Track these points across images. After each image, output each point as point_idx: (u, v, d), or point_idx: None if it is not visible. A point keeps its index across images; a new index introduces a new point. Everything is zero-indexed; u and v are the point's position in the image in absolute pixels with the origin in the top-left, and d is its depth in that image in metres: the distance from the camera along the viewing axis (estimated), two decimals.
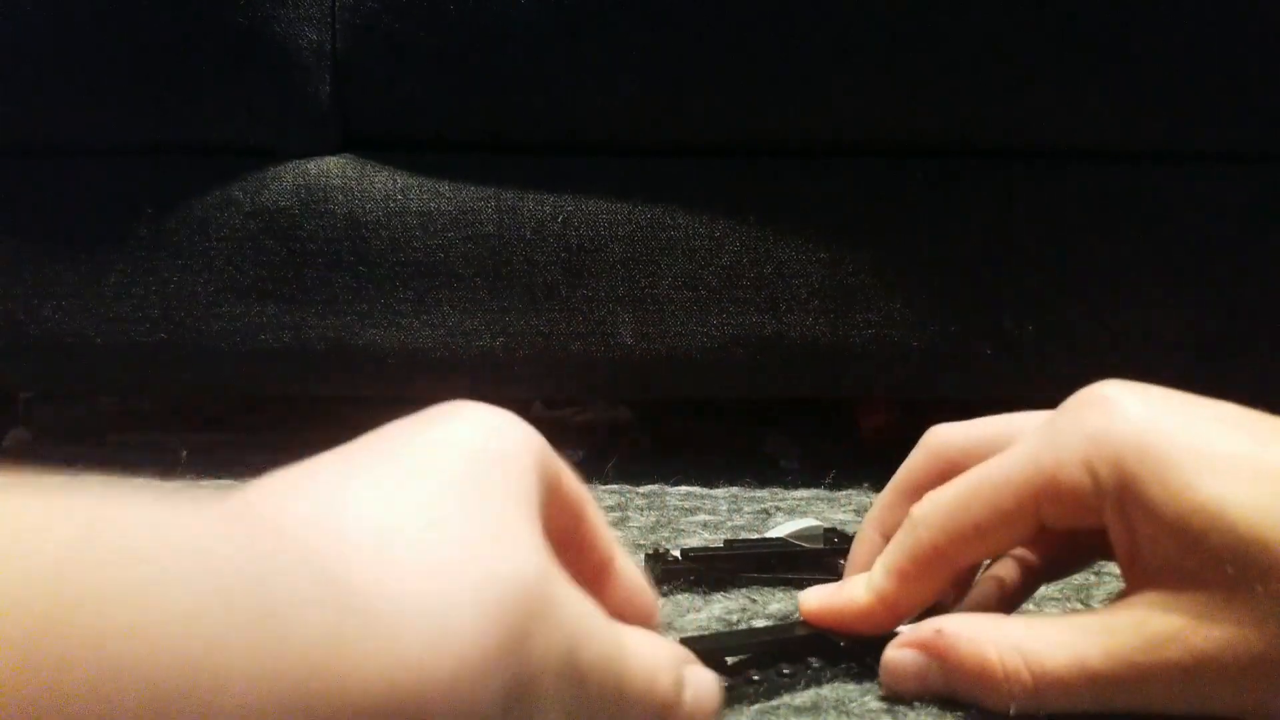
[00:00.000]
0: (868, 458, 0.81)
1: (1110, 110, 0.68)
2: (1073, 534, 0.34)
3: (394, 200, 0.70)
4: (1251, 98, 0.68)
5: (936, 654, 0.33)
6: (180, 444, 0.79)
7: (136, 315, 0.72)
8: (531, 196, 0.70)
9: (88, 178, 0.72)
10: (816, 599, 0.37)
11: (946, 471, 0.36)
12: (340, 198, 0.71)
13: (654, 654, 0.28)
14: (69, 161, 0.72)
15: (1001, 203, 0.70)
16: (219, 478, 0.73)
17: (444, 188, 0.71)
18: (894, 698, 0.34)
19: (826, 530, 0.56)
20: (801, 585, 0.53)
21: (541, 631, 0.22)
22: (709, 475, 0.75)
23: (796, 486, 0.72)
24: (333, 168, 0.71)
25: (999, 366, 0.70)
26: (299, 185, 0.71)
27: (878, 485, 0.72)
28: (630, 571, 0.32)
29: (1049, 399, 0.34)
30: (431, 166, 0.71)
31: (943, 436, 0.38)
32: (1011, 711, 0.32)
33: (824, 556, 0.54)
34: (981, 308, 0.70)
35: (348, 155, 0.72)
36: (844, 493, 0.71)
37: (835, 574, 0.53)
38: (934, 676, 0.33)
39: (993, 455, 0.34)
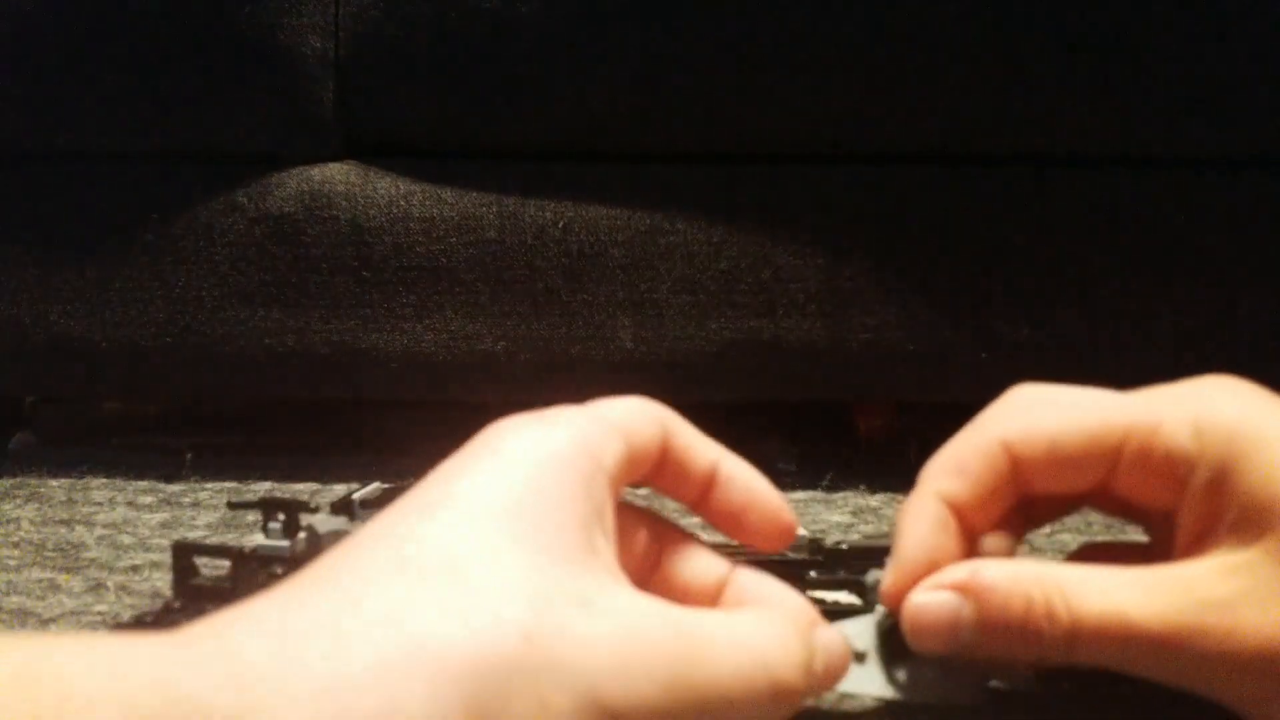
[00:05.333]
0: (865, 460, 0.82)
1: (1105, 115, 0.69)
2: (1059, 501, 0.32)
3: (397, 206, 0.71)
4: (1246, 102, 0.68)
5: (973, 593, 0.29)
6: (185, 447, 0.79)
7: (142, 320, 0.73)
8: (533, 203, 0.71)
9: (94, 184, 0.73)
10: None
11: (1016, 482, 0.31)
12: (344, 204, 0.71)
13: (759, 637, 0.25)
14: (75, 167, 0.73)
15: (997, 207, 0.70)
16: (223, 480, 0.74)
17: (447, 194, 0.71)
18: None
19: (810, 540, 0.55)
20: None
21: (526, 690, 0.21)
22: None
23: (794, 488, 0.73)
24: (336, 174, 0.71)
25: (994, 369, 0.71)
26: (303, 191, 0.71)
27: (875, 487, 0.73)
28: (738, 474, 0.30)
29: None
30: (434, 173, 0.71)
31: (1028, 444, 0.31)
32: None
33: (791, 567, 0.53)
34: (977, 311, 0.70)
35: (351, 162, 0.72)
36: (841, 494, 0.72)
37: (800, 585, 0.51)
38: (966, 623, 0.29)
39: (1082, 473, 0.31)
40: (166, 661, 0.19)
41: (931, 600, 0.30)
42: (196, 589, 0.43)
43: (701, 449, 0.30)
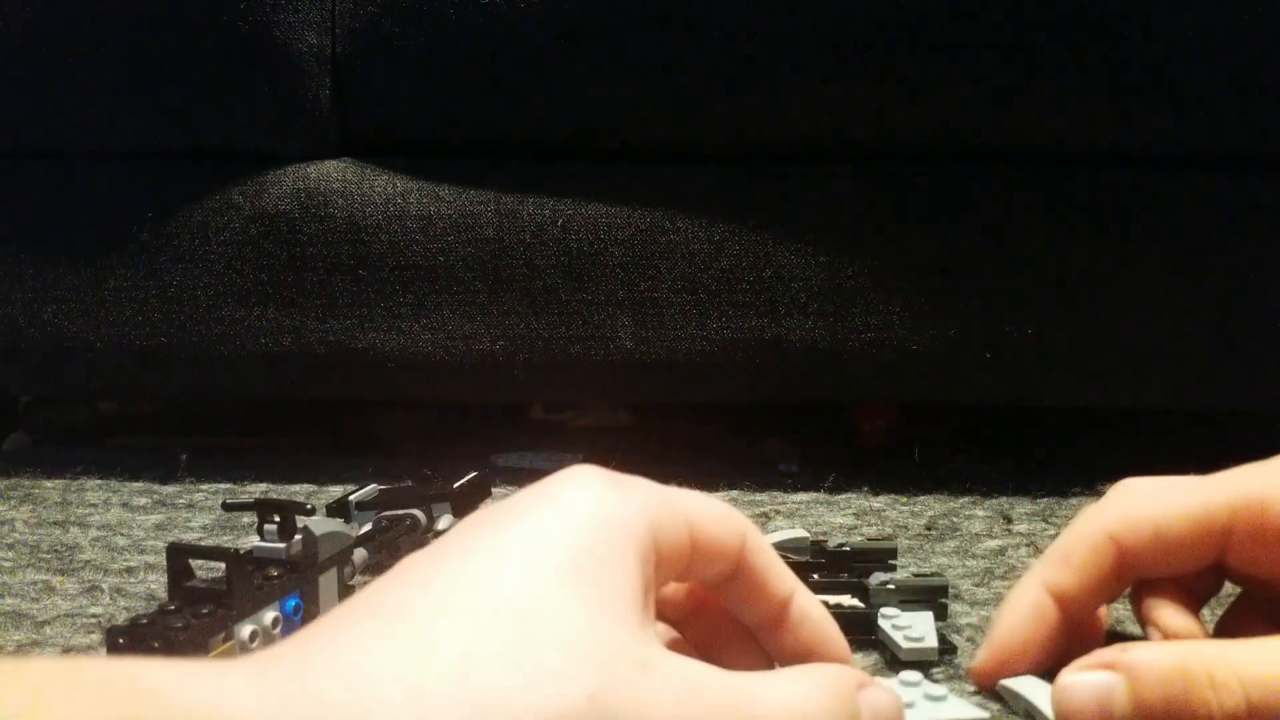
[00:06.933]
0: (867, 461, 0.82)
1: (1109, 113, 0.68)
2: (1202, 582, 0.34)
3: (394, 204, 0.71)
4: (1251, 100, 0.68)
5: (1125, 669, 0.29)
6: (180, 448, 0.79)
7: (137, 319, 0.72)
8: (531, 200, 0.70)
9: (89, 182, 0.72)
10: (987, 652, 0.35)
11: (1122, 570, 0.34)
12: (340, 202, 0.71)
13: (803, 698, 0.27)
14: (70, 165, 0.73)
15: (1001, 207, 0.70)
16: (219, 482, 0.73)
17: (444, 192, 0.71)
18: None
19: (813, 542, 0.55)
20: None
21: None
22: (708, 479, 0.75)
23: (796, 490, 0.72)
24: (333, 172, 0.71)
25: (998, 371, 0.70)
26: (299, 189, 0.71)
27: (877, 489, 0.72)
28: (810, 615, 0.32)
29: (1049, 404, 0.35)
30: (431, 170, 0.71)
31: (1133, 533, 0.34)
32: None
33: (794, 570, 0.52)
34: (981, 312, 0.70)
35: (347, 159, 0.72)
36: (843, 496, 0.71)
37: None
38: (1120, 699, 0.29)
39: (1183, 566, 0.33)
40: (253, 697, 0.21)
41: (1082, 679, 0.30)
42: (192, 591, 0.43)
43: (780, 576, 0.31)
